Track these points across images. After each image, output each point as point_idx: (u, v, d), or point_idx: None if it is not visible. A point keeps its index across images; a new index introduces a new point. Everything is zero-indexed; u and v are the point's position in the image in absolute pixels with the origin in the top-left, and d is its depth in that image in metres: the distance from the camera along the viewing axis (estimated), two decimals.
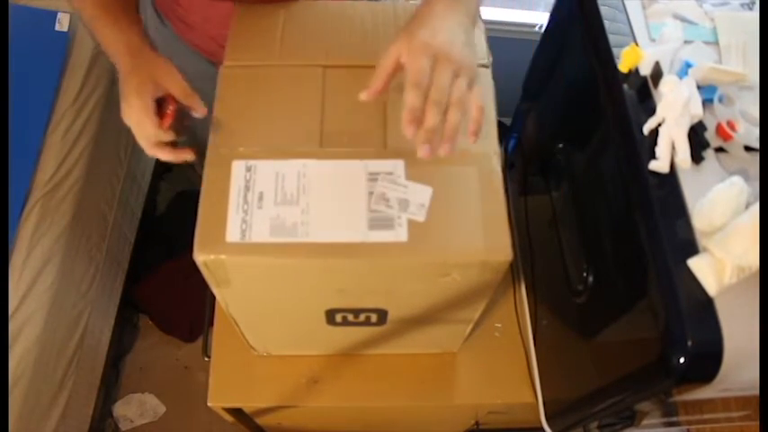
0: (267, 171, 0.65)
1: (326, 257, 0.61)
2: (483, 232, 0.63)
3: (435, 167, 0.66)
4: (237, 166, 0.65)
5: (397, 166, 0.65)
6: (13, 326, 1.07)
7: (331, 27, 0.77)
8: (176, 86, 0.67)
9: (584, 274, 0.74)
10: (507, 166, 1.10)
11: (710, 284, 0.55)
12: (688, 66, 0.66)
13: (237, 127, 0.69)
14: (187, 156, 0.70)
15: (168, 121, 0.67)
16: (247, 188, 0.63)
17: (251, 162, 0.65)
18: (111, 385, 1.50)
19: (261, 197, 0.63)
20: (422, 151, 0.56)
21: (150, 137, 0.68)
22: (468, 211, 0.64)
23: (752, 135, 0.63)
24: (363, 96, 0.59)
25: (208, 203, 0.63)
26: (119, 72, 0.69)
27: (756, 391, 0.58)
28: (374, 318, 0.77)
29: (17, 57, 1.18)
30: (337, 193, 0.64)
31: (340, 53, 0.74)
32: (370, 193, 0.63)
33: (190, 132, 0.71)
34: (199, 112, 0.67)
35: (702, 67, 0.65)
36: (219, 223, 0.62)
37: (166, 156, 0.70)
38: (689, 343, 0.53)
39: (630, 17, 0.73)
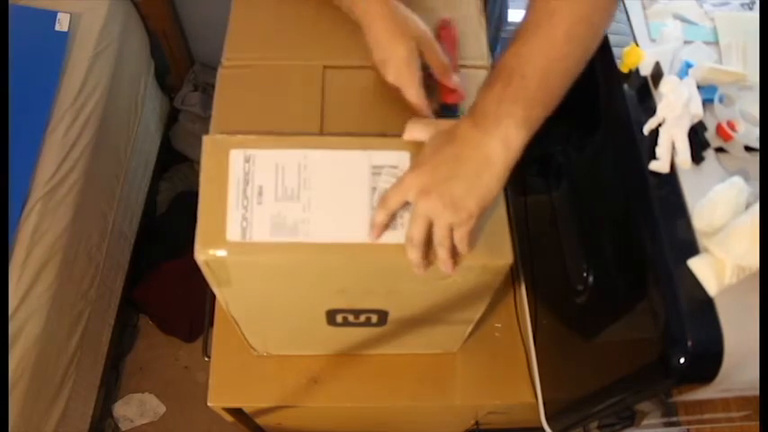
0: (266, 162, 0.63)
1: (328, 258, 0.61)
2: (483, 235, 0.62)
3: None
4: (235, 156, 0.63)
5: (402, 158, 0.63)
6: (13, 326, 1.07)
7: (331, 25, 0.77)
8: (437, 61, 0.65)
9: (585, 274, 0.74)
10: None
11: (711, 284, 0.55)
12: (688, 66, 0.66)
13: (236, 121, 0.68)
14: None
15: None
16: (246, 181, 0.62)
17: (249, 152, 0.63)
18: (111, 385, 1.50)
19: (260, 192, 0.62)
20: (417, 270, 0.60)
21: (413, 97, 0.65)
22: None
23: (752, 135, 0.63)
24: (372, 237, 0.60)
25: (207, 199, 0.62)
26: (364, 30, 0.66)
27: (756, 391, 0.58)
28: (375, 318, 0.77)
29: (17, 57, 1.18)
30: (339, 188, 0.63)
31: (340, 52, 0.74)
32: (373, 189, 0.62)
33: None
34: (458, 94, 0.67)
35: (702, 67, 0.65)
36: (220, 221, 0.61)
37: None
38: (689, 343, 0.53)
39: (630, 17, 0.73)
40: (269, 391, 0.92)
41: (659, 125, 0.63)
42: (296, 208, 0.61)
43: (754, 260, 0.53)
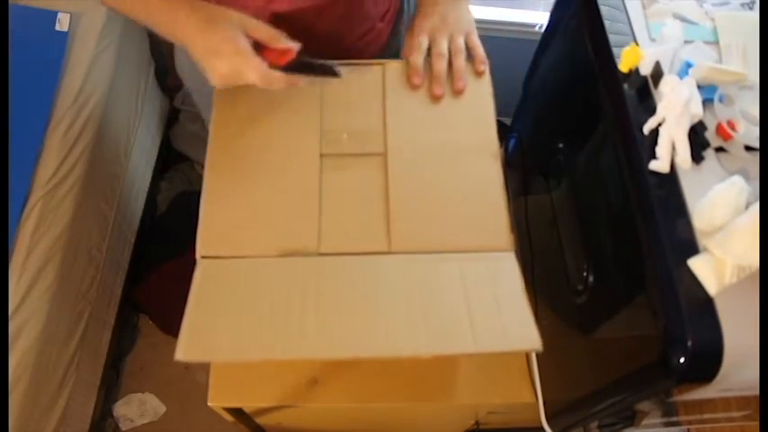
0: None
1: None
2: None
3: None
4: None
5: None
6: (13, 326, 1.07)
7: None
8: (263, 32, 0.66)
9: (585, 274, 0.74)
10: (507, 166, 1.10)
11: (711, 284, 0.55)
12: (688, 65, 0.66)
13: (236, 121, 0.68)
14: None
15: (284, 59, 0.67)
16: None
17: None
18: (111, 385, 1.49)
19: None
20: (436, 90, 0.75)
21: (265, 78, 0.66)
22: None
23: (752, 135, 0.63)
24: (418, 81, 0.76)
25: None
26: (184, 41, 0.67)
27: (756, 391, 0.58)
28: None
29: (17, 57, 1.18)
30: None
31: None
32: None
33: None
34: (293, 47, 0.67)
35: (703, 66, 0.65)
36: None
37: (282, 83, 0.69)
38: (689, 343, 0.53)
39: (631, 17, 0.73)
40: (269, 391, 0.92)
41: (659, 125, 0.62)
42: None
43: (754, 260, 0.53)
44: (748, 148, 0.63)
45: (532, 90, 1.03)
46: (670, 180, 0.61)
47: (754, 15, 0.74)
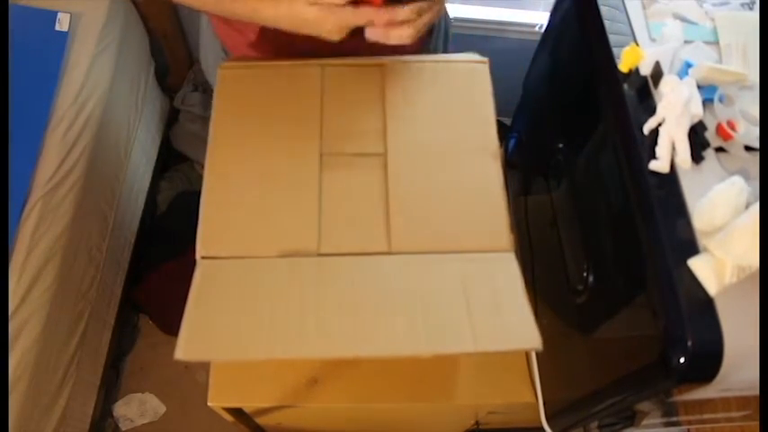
0: None
1: None
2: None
3: None
4: None
5: None
6: (13, 326, 1.07)
7: None
8: None
9: (585, 274, 0.74)
10: (507, 166, 1.10)
11: (711, 284, 0.55)
12: (688, 65, 0.66)
13: (236, 121, 0.68)
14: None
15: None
16: None
17: None
18: (111, 385, 1.50)
19: None
20: (372, 36, 0.64)
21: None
22: None
23: (752, 135, 0.63)
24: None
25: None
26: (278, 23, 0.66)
27: (756, 391, 0.58)
28: None
29: (17, 57, 1.18)
30: None
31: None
32: None
33: None
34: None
35: (703, 66, 0.65)
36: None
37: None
38: (689, 343, 0.53)
39: (630, 17, 0.73)
40: (269, 390, 0.92)
41: (659, 125, 0.63)
42: None
43: (754, 260, 0.53)
44: (748, 148, 0.63)
45: (532, 90, 1.03)
46: (670, 180, 0.61)
47: (754, 15, 0.74)
